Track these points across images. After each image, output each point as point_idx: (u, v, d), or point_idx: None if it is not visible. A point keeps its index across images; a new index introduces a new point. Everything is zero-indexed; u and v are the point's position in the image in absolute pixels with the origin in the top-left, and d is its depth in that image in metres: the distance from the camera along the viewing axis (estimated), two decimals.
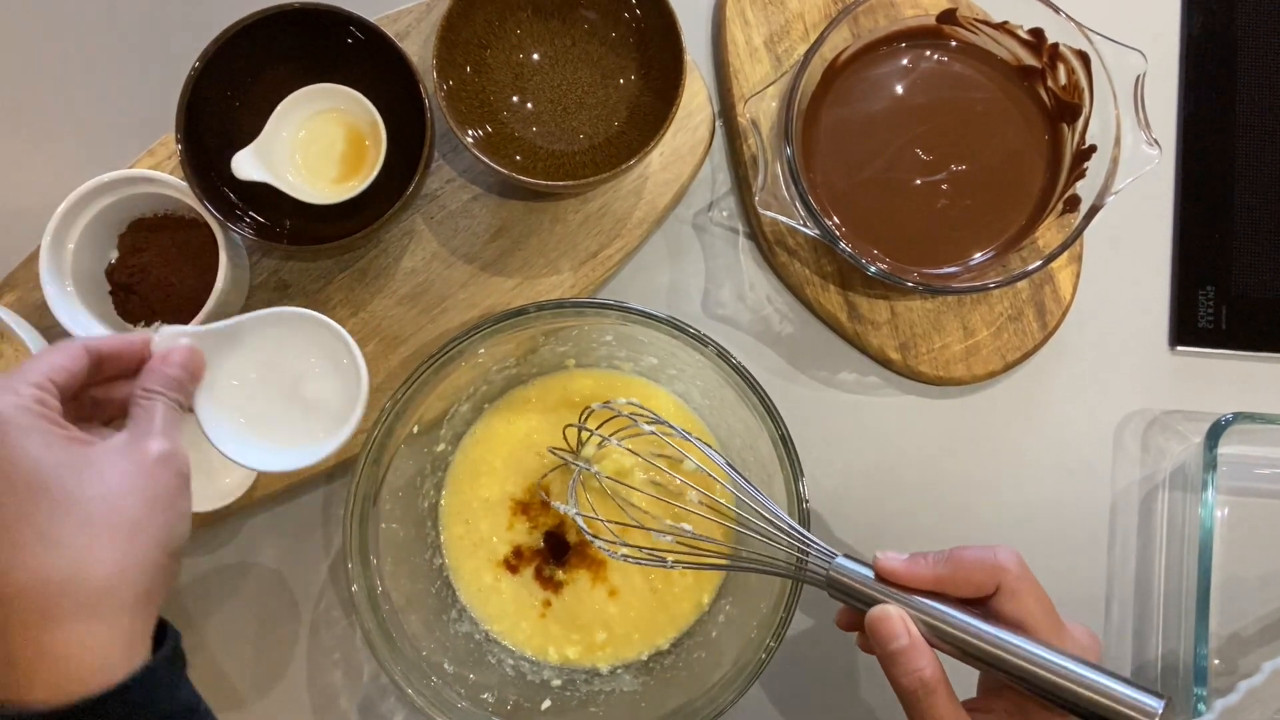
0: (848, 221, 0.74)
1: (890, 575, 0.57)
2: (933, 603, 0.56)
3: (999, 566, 0.55)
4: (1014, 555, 0.56)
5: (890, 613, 0.55)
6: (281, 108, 0.70)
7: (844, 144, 0.74)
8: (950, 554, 0.56)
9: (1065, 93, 0.72)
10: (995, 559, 0.56)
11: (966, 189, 0.74)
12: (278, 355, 0.60)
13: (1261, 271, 0.79)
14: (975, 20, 0.73)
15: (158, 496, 0.50)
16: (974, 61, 0.75)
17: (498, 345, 0.71)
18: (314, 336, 0.60)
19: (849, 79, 0.75)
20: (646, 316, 0.68)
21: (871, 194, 0.74)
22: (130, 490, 0.49)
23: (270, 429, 0.60)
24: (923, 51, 0.75)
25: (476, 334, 0.68)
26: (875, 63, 0.75)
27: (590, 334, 0.74)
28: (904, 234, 0.74)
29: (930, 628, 0.55)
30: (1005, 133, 0.74)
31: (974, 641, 0.54)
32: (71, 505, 0.47)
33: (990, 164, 0.74)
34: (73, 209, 0.70)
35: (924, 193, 0.74)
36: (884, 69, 0.75)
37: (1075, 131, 0.72)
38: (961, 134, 0.74)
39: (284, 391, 0.60)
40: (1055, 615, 0.56)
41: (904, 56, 0.75)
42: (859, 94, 0.75)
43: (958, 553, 0.56)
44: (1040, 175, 0.74)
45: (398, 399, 0.68)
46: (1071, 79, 0.71)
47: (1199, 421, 0.76)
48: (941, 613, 0.55)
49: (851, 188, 0.74)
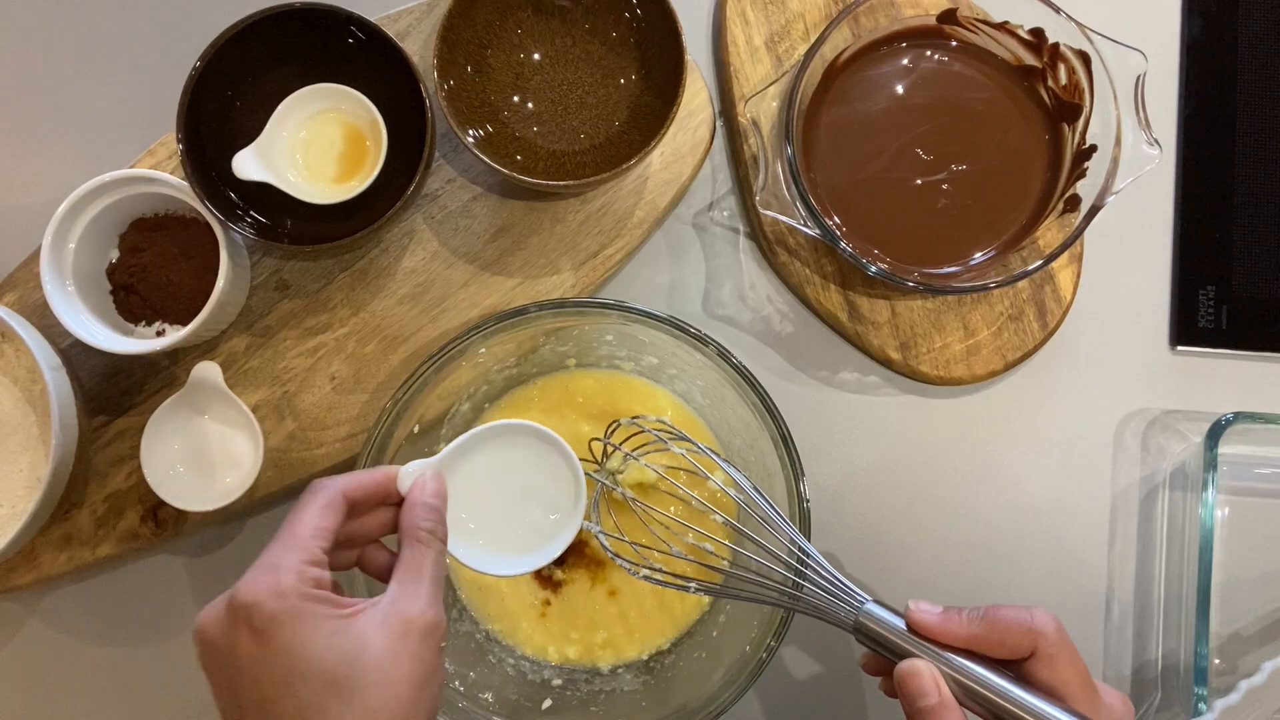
0: (848, 221, 0.74)
1: (923, 629, 0.55)
2: (966, 662, 0.54)
3: (1036, 631, 0.54)
4: (1052, 620, 0.54)
5: (921, 670, 0.53)
6: (282, 107, 0.70)
7: (844, 144, 0.74)
8: (986, 613, 0.55)
9: (1066, 92, 0.72)
10: (1033, 623, 0.54)
11: (967, 189, 0.74)
12: (501, 463, 0.61)
13: (1261, 271, 0.79)
14: (975, 20, 0.73)
15: (426, 678, 0.50)
16: (974, 61, 0.75)
17: (499, 345, 0.71)
18: (533, 446, 0.61)
19: (849, 79, 0.75)
20: (647, 316, 0.68)
21: (872, 194, 0.74)
22: (404, 677, 0.49)
23: (497, 533, 0.61)
24: (923, 51, 0.75)
25: (477, 333, 0.68)
26: (876, 63, 0.75)
27: (591, 334, 0.74)
28: (904, 234, 0.74)
29: (961, 687, 0.53)
30: (1006, 132, 0.74)
31: (1007, 706, 0.52)
32: (354, 694, 0.48)
33: (991, 164, 0.74)
34: (73, 209, 0.70)
35: (924, 192, 0.74)
36: (884, 69, 0.75)
37: (1076, 131, 0.72)
38: (962, 134, 0.74)
39: (510, 496, 0.61)
40: (1091, 683, 0.54)
41: (905, 56, 0.75)
42: (859, 94, 0.75)
43: (994, 612, 0.55)
44: (1041, 175, 0.74)
45: (398, 399, 0.68)
46: (1072, 79, 0.71)
47: (1199, 421, 0.76)
48: (974, 673, 0.53)
49: (852, 187, 0.74)
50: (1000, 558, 0.78)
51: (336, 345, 0.76)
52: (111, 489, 0.75)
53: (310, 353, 0.76)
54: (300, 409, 0.76)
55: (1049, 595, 0.78)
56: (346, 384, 0.76)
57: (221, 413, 0.74)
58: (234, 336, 0.76)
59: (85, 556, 0.75)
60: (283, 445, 0.75)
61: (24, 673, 0.77)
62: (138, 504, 0.75)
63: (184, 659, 0.77)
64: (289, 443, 0.76)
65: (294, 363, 0.76)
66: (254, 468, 0.73)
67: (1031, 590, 0.78)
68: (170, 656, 0.77)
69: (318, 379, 0.76)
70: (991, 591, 0.78)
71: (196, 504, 0.72)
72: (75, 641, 0.77)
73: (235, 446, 0.74)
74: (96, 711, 0.77)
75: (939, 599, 0.56)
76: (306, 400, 0.76)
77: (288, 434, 0.76)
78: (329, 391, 0.76)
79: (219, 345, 0.76)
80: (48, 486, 0.67)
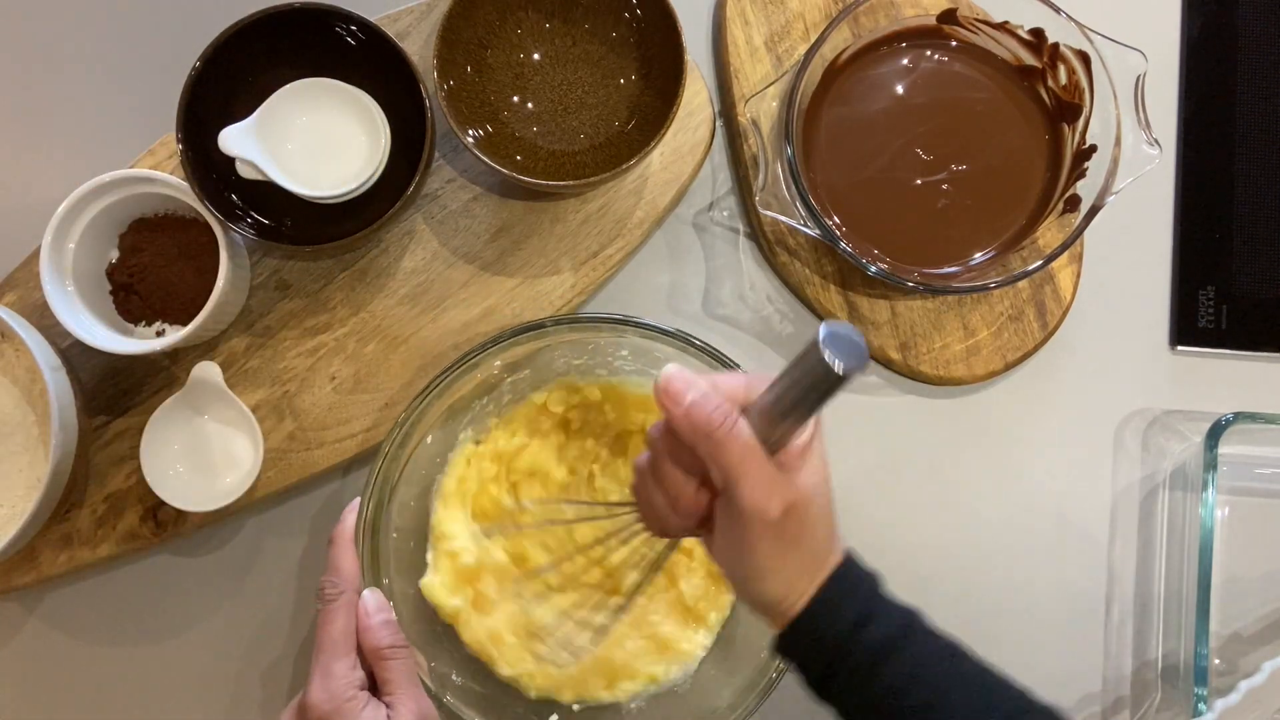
0: (848, 221, 0.74)
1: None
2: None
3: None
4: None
5: (671, 373, 0.52)
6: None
7: (844, 144, 0.74)
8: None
9: (1065, 93, 0.72)
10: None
11: (967, 189, 0.74)
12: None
13: (1261, 271, 0.79)
14: (975, 20, 0.73)
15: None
16: (974, 61, 0.75)
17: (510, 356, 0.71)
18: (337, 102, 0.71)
19: (849, 79, 0.75)
20: (662, 333, 0.68)
21: (872, 194, 0.74)
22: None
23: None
24: (923, 51, 0.75)
25: (494, 347, 0.68)
26: (875, 63, 0.75)
27: (606, 348, 0.73)
28: (904, 234, 0.74)
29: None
30: (1006, 133, 0.74)
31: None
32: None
33: (990, 164, 0.74)
34: (73, 209, 0.70)
35: (924, 193, 0.74)
36: (884, 69, 0.75)
37: (1075, 131, 0.72)
38: (962, 134, 0.74)
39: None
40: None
41: (904, 56, 0.75)
42: (859, 94, 0.75)
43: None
44: (1040, 175, 0.74)
45: (411, 410, 0.68)
46: (1072, 79, 0.71)
47: (1199, 421, 0.76)
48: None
49: (852, 188, 0.74)
50: (1000, 558, 0.78)
51: (336, 345, 0.76)
52: (111, 489, 0.75)
53: (310, 353, 0.76)
54: (300, 409, 0.76)
55: (1049, 595, 0.78)
56: (346, 384, 0.76)
57: (221, 413, 0.74)
58: (234, 336, 0.76)
59: (85, 556, 0.75)
60: (283, 445, 0.75)
61: (24, 673, 0.77)
62: (138, 504, 0.75)
63: (184, 659, 0.77)
64: (289, 443, 0.76)
65: (294, 363, 0.76)
66: (254, 468, 0.73)
67: (1031, 590, 0.78)
68: (170, 657, 0.77)
69: (318, 379, 0.76)
70: (991, 591, 0.78)
71: (196, 504, 0.72)
72: (75, 641, 0.77)
73: (235, 446, 0.74)
74: (96, 711, 0.77)
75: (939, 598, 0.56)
76: (306, 400, 0.76)
77: (288, 434, 0.76)
78: (329, 391, 0.76)
79: (219, 345, 0.76)
80: (47, 486, 0.67)
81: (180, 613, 0.77)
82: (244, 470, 0.73)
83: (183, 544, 0.78)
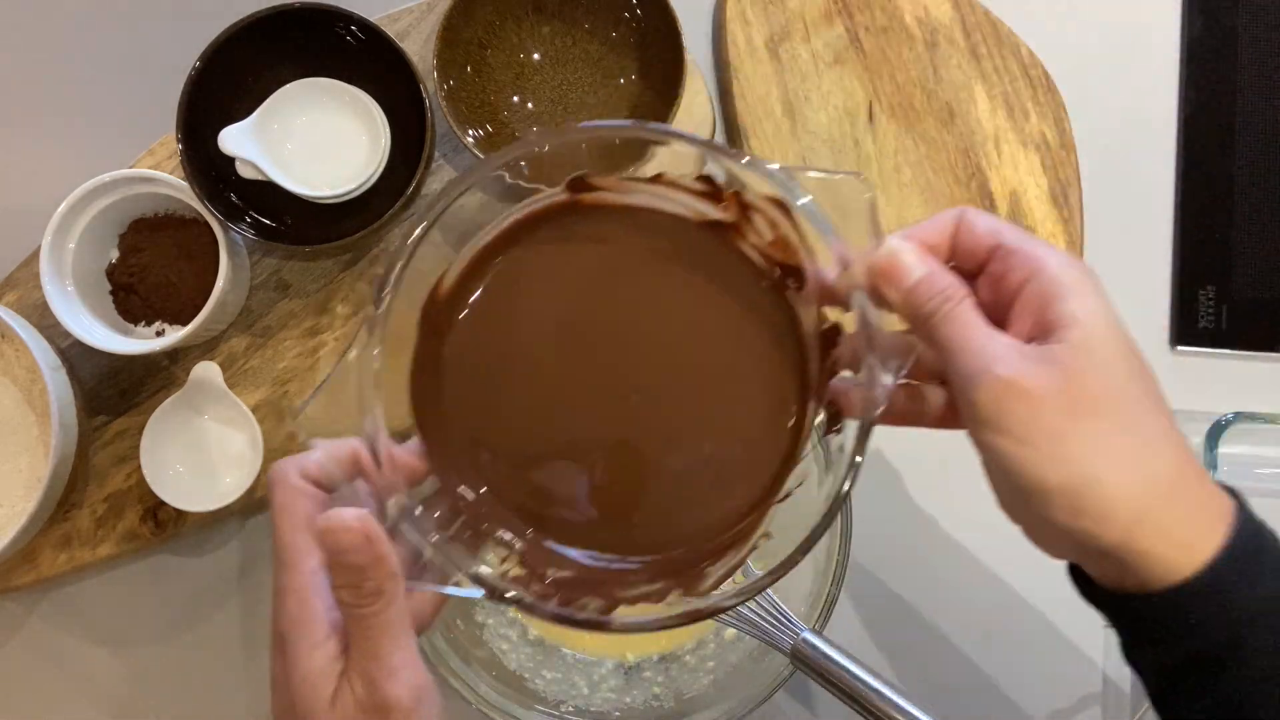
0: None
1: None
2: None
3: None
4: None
5: (897, 248, 0.44)
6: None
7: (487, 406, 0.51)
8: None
9: (777, 250, 0.49)
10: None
11: (675, 428, 0.50)
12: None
13: (1261, 271, 0.79)
14: (623, 180, 0.50)
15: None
16: (645, 234, 0.51)
17: None
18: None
19: (465, 323, 0.52)
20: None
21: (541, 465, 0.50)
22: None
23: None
24: (563, 238, 0.51)
25: None
26: (499, 281, 0.51)
27: None
28: None
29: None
30: (713, 329, 0.50)
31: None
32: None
33: (699, 382, 0.50)
34: (73, 209, 0.70)
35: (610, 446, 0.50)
36: (511, 286, 0.51)
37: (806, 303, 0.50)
38: (649, 354, 0.50)
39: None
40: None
41: (540, 255, 0.51)
42: (482, 342, 0.51)
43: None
44: (778, 381, 0.50)
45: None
46: (776, 232, 0.49)
47: (1199, 421, 0.76)
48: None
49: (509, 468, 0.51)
50: (1001, 558, 0.78)
51: (336, 345, 0.76)
52: (111, 489, 0.75)
53: (310, 353, 0.76)
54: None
55: (1050, 596, 0.77)
56: None
57: (221, 413, 0.74)
58: (234, 336, 0.76)
59: (85, 556, 0.75)
60: (283, 445, 0.75)
61: (24, 673, 0.77)
62: (138, 504, 0.75)
63: (184, 659, 0.77)
64: (289, 443, 0.76)
65: (294, 363, 0.76)
66: (254, 468, 0.72)
67: (1032, 589, 0.78)
68: (170, 656, 0.77)
69: (318, 379, 0.76)
70: (992, 590, 0.78)
71: (196, 504, 0.72)
72: (75, 641, 0.77)
73: (235, 446, 0.74)
74: (97, 711, 0.77)
75: (938, 598, 0.56)
76: None
77: (288, 434, 0.76)
78: None
79: (219, 345, 0.76)
80: (47, 486, 0.67)
81: (180, 613, 0.77)
82: (244, 470, 0.73)
83: (183, 544, 0.78)
